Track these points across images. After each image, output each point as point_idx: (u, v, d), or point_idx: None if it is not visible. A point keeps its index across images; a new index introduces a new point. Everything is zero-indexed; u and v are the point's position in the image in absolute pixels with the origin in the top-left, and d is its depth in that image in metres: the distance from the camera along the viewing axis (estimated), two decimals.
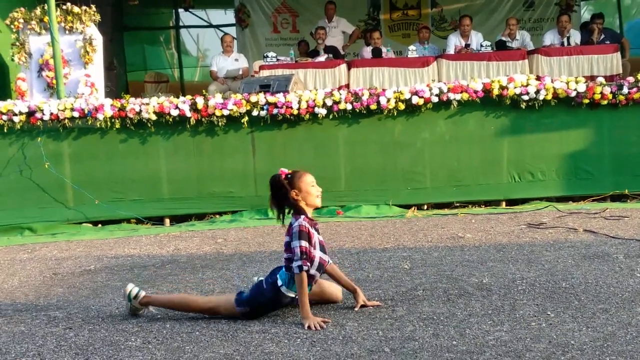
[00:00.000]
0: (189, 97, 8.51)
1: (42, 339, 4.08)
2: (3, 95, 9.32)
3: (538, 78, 8.53)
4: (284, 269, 4.27)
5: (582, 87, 8.28)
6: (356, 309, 4.32)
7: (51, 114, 8.32)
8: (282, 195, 4.28)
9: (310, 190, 4.29)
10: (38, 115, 8.32)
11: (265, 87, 8.76)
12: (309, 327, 4.00)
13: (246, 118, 8.39)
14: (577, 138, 8.49)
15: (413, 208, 8.29)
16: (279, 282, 4.25)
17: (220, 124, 8.40)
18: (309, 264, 4.13)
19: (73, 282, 5.66)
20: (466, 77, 9.59)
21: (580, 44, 10.72)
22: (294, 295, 4.23)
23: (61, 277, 5.89)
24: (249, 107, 8.35)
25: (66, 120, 8.35)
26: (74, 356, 3.74)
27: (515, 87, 8.29)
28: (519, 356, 3.38)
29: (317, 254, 4.21)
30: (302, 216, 4.23)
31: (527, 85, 8.30)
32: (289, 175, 4.30)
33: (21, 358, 3.76)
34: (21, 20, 9.22)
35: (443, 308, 4.26)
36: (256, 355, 3.60)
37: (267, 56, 10.50)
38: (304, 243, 4.12)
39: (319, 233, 4.34)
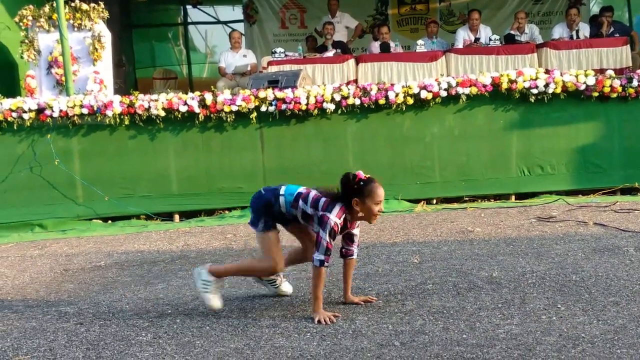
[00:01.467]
0: (197, 93, 8.52)
1: (53, 335, 4.10)
2: (12, 93, 9.34)
3: (547, 71, 8.50)
4: (295, 193, 4.27)
5: (591, 80, 8.24)
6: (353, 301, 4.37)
7: (60, 110, 8.34)
8: (345, 195, 4.15)
9: (373, 209, 4.11)
10: (47, 112, 8.35)
11: (273, 83, 8.76)
12: (319, 321, 4.00)
13: (255, 114, 8.39)
14: (586, 131, 8.45)
15: (422, 202, 8.27)
16: (282, 191, 4.31)
17: (228, 119, 8.40)
18: (330, 261, 4.09)
19: (83, 278, 5.69)
20: (475, 71, 9.56)
21: (589, 37, 10.67)
22: (284, 211, 4.27)
23: (72, 273, 5.91)
24: (257, 103, 8.35)
25: (75, 117, 8.38)
26: (85, 351, 3.76)
27: (524, 81, 8.26)
28: (529, 349, 3.38)
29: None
30: (344, 215, 4.10)
31: (536, 79, 8.27)
32: (362, 182, 4.13)
33: (33, 353, 3.78)
34: (30, 18, 9.25)
35: (453, 302, 4.25)
36: (266, 349, 3.61)
37: (275, 52, 10.50)
38: (332, 241, 4.05)
39: (352, 230, 4.26)
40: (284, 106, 8.31)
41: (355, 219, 4.21)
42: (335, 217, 4.06)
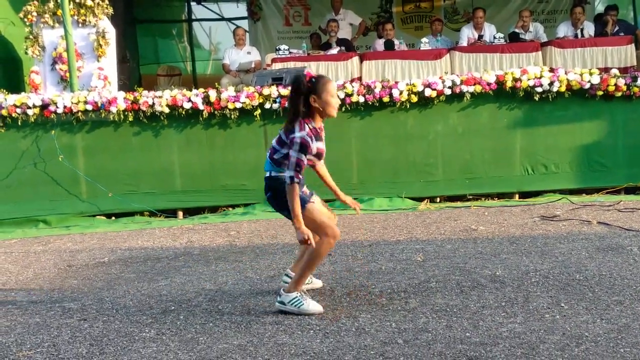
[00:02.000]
0: (201, 90, 8.51)
1: (57, 330, 4.11)
2: (17, 89, 9.34)
3: (552, 70, 8.49)
4: (268, 160, 4.37)
5: (596, 79, 8.23)
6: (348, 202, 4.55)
7: (65, 107, 8.35)
8: (300, 98, 4.16)
9: (330, 101, 4.17)
10: (52, 108, 8.36)
11: (277, 80, 8.75)
12: (302, 239, 4.02)
13: (259, 111, 8.39)
14: (590, 130, 8.43)
15: (426, 201, 8.27)
16: (267, 173, 4.39)
17: (232, 116, 8.40)
18: (301, 177, 4.10)
19: (87, 274, 5.69)
20: (479, 69, 9.55)
21: (594, 35, 10.65)
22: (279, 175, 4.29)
23: (75, 269, 5.92)
24: (261, 100, 8.34)
25: (79, 113, 8.38)
26: (88, 347, 3.77)
27: (528, 79, 8.24)
28: (532, 348, 3.38)
29: (314, 145, 4.15)
30: (308, 127, 4.14)
31: (540, 77, 8.25)
32: (314, 80, 4.17)
33: (36, 349, 3.79)
34: (34, 14, 9.24)
35: (456, 300, 4.25)
36: (269, 346, 3.61)
37: (280, 49, 10.49)
38: (302, 157, 4.08)
39: (322, 140, 4.30)
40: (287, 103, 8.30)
41: (317, 118, 4.24)
42: (300, 133, 4.09)
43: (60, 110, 8.35)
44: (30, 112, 8.35)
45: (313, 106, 4.17)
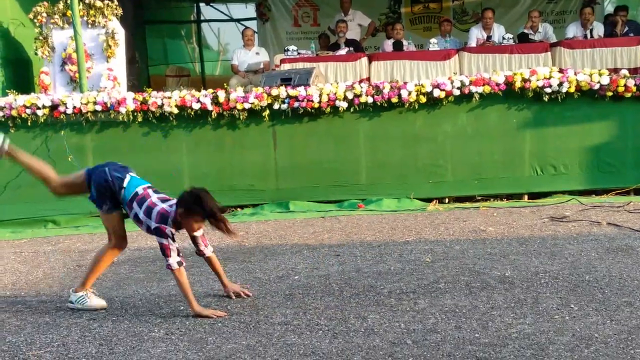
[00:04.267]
0: (210, 90, 8.52)
1: (66, 330, 4.12)
2: (27, 89, 9.38)
3: (561, 71, 8.45)
4: (132, 193, 4.52)
5: (605, 80, 8.19)
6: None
7: (74, 107, 8.37)
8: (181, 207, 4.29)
9: (193, 227, 4.39)
10: (61, 108, 8.38)
11: (286, 81, 8.75)
12: (206, 315, 4.18)
13: (267, 111, 8.39)
14: (600, 131, 8.40)
15: (434, 201, 8.25)
16: (125, 184, 4.58)
17: (241, 117, 8.41)
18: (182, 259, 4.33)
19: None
20: (488, 70, 9.52)
21: (603, 36, 10.61)
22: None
23: (84, 269, 5.92)
24: (270, 101, 8.35)
25: (89, 114, 8.41)
26: (98, 346, 3.78)
27: (537, 80, 8.21)
28: (542, 349, 3.37)
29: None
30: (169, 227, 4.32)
31: (549, 78, 8.22)
32: (197, 199, 4.25)
33: (46, 348, 3.80)
34: (44, 15, 9.28)
35: (465, 301, 4.25)
36: (278, 346, 3.62)
37: (288, 50, 10.49)
38: (171, 242, 4.31)
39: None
40: (296, 104, 8.31)
41: (181, 227, 4.39)
42: (170, 227, 4.33)
43: (69, 111, 8.37)
44: (40, 112, 8.38)
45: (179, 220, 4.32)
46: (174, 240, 4.31)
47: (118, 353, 3.65)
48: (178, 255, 4.29)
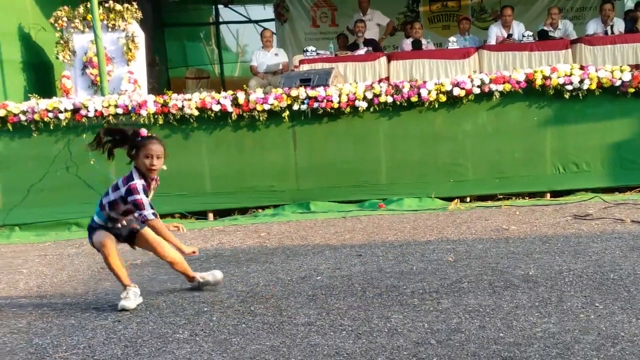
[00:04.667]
0: (230, 92, 8.56)
1: (92, 332, 4.16)
2: (48, 93, 9.48)
3: (582, 67, 8.40)
4: (98, 204, 4.76)
5: (627, 76, 8.13)
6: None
7: (95, 110, 8.44)
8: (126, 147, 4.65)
9: (145, 162, 4.57)
10: (83, 112, 8.46)
11: (305, 81, 8.78)
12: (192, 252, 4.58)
13: (287, 112, 8.41)
14: (622, 128, 8.33)
15: (456, 200, 8.23)
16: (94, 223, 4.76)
17: (261, 118, 8.43)
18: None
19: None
20: (508, 68, 9.49)
21: (624, 32, 10.53)
22: (110, 225, 4.75)
23: (108, 272, 5.94)
24: (289, 102, 8.37)
25: (110, 117, 8.47)
26: (123, 348, 3.80)
27: (558, 77, 8.17)
28: (567, 348, 3.35)
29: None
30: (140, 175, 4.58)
31: (570, 75, 8.18)
32: (140, 138, 4.64)
33: (72, 350, 3.83)
34: (65, 19, 9.37)
35: (489, 300, 4.23)
36: (302, 347, 3.62)
37: (307, 50, 10.52)
38: (144, 197, 4.53)
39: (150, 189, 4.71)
40: (316, 104, 8.33)
41: (144, 174, 4.62)
42: (137, 180, 4.54)
43: (91, 114, 8.45)
44: (62, 116, 8.46)
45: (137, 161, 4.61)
46: (147, 196, 4.55)
47: (143, 355, 3.68)
48: (152, 208, 4.54)
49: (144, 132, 4.73)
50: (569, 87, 8.16)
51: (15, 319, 4.61)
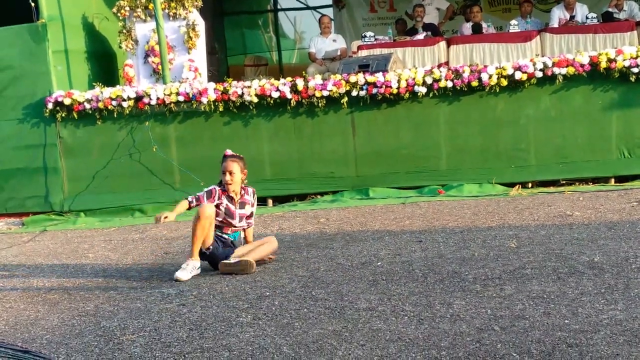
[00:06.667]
0: (289, 79, 8.59)
1: (157, 315, 4.25)
2: (112, 82, 9.66)
3: None
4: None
5: None
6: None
7: (158, 98, 8.59)
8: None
9: (222, 177, 5.49)
10: (145, 100, 8.61)
11: (364, 67, 8.74)
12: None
13: (346, 98, 8.40)
14: None
15: (517, 186, 8.11)
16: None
17: (320, 105, 8.45)
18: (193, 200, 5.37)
19: (183, 260, 5.82)
20: (571, 51, 9.27)
21: None
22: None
23: (172, 256, 6.09)
24: (348, 88, 8.36)
25: (172, 105, 8.61)
26: (188, 331, 3.88)
27: (624, 60, 7.96)
28: (635, 335, 3.29)
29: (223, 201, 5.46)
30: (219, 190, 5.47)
31: (636, 58, 7.96)
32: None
33: (139, 333, 3.92)
34: (127, 8, 9.50)
35: (553, 287, 4.17)
36: (364, 332, 3.63)
37: (365, 36, 10.46)
38: (204, 196, 5.38)
39: (236, 204, 5.51)
40: (374, 90, 8.30)
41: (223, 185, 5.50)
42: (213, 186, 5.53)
43: (153, 102, 8.60)
44: (125, 104, 8.63)
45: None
46: (207, 197, 5.40)
47: (208, 338, 3.74)
48: (196, 200, 5.36)
49: (227, 152, 5.68)
50: (635, 70, 7.94)
51: (84, 302, 4.74)
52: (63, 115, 8.81)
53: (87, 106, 8.73)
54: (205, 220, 5.15)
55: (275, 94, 8.45)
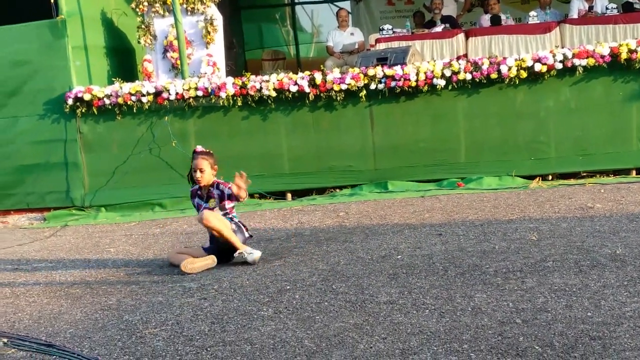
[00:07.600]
0: (307, 73, 8.58)
1: (179, 309, 4.27)
2: (131, 77, 9.71)
3: None
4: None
5: None
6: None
7: (177, 93, 8.62)
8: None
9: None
10: (164, 95, 8.65)
11: (382, 60, 8.72)
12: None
13: (364, 92, 8.39)
14: None
15: (537, 179, 8.07)
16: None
17: (338, 98, 8.44)
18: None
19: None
20: (591, 42, 9.20)
21: None
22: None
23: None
24: (366, 81, 8.35)
25: (191, 100, 8.64)
26: (210, 325, 3.89)
27: None
28: None
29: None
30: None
31: None
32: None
33: (161, 327, 3.95)
34: (145, 4, 9.54)
35: (575, 279, 4.15)
36: (385, 325, 3.63)
37: (383, 29, 10.45)
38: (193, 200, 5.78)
39: (203, 199, 5.65)
40: (393, 83, 8.28)
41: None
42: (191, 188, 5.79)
43: (172, 97, 8.63)
44: (144, 99, 8.68)
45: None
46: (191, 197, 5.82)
47: (229, 331, 3.76)
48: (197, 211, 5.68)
49: (197, 148, 5.71)
50: None
51: (106, 296, 4.78)
52: (83, 110, 8.87)
53: (107, 101, 8.78)
54: (209, 226, 5.37)
55: (294, 88, 8.45)
